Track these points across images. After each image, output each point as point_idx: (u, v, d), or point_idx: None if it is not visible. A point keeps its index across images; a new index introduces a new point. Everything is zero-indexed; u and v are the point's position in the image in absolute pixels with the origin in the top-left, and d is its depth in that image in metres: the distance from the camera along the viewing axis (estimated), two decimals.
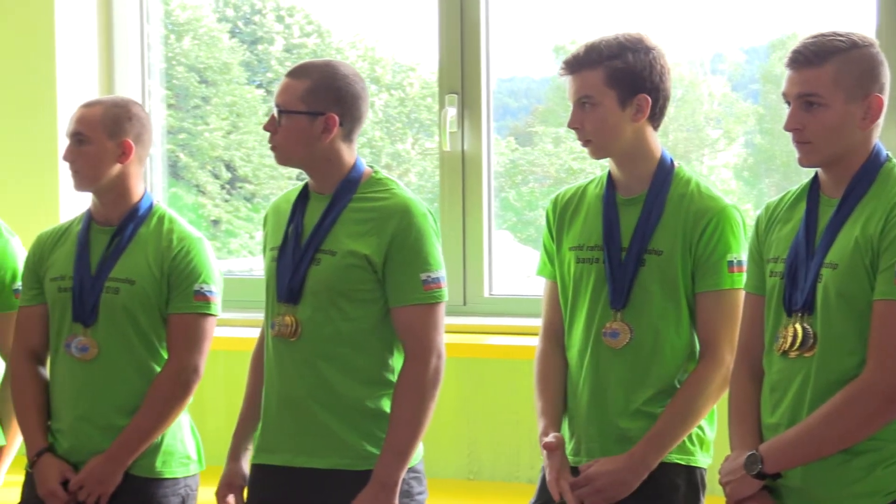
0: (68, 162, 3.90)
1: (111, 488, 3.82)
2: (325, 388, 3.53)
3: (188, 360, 3.87)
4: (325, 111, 3.54)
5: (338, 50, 5.98)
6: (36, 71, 5.46)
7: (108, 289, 3.86)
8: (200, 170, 6.08)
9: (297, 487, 3.56)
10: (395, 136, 5.91)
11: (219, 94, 6.11)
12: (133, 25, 5.73)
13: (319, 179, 3.62)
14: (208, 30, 6.15)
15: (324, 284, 3.53)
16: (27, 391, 3.97)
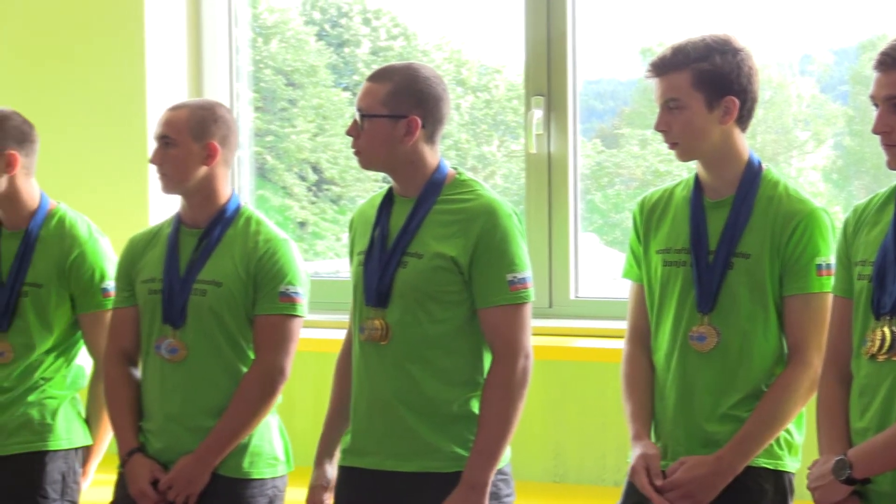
0: (155, 165, 3.93)
1: (199, 488, 3.85)
2: (414, 391, 3.54)
3: (274, 361, 3.89)
4: (407, 114, 3.55)
5: (424, 52, 6.00)
6: (126, 75, 5.52)
7: (196, 291, 3.89)
8: (287, 172, 6.11)
9: (385, 491, 3.57)
10: (480, 139, 5.91)
11: (305, 96, 6.14)
12: (221, 29, 5.78)
13: (403, 182, 3.63)
14: (295, 33, 6.18)
15: (411, 287, 3.53)
16: (120, 392, 4.01)
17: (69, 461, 4.24)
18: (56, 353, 4.27)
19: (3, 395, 4.21)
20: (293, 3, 6.16)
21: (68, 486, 4.23)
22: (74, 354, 4.31)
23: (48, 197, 4.33)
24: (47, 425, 4.21)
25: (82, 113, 5.57)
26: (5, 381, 4.22)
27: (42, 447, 4.19)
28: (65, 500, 4.21)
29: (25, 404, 4.21)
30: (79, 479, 4.27)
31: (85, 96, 5.58)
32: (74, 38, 5.61)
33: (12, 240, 4.27)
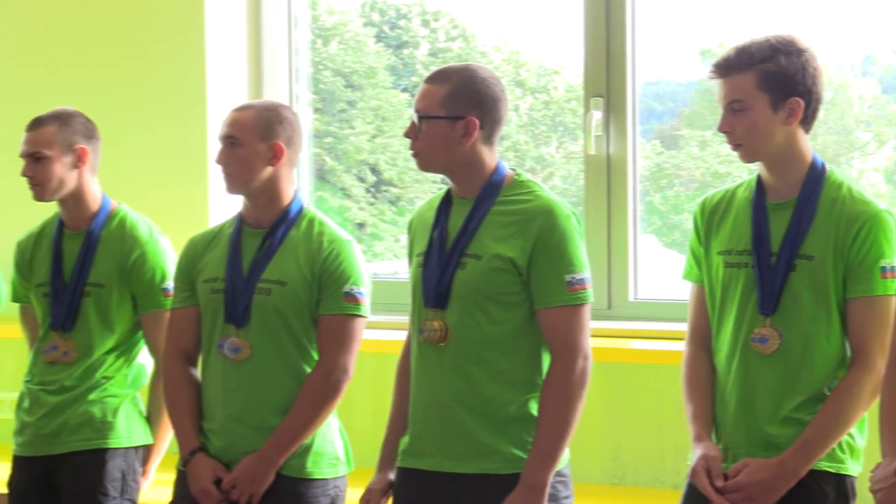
0: (221, 165, 3.95)
1: (263, 488, 3.87)
2: (473, 392, 3.54)
3: (338, 361, 3.90)
4: (465, 115, 3.55)
5: (482, 54, 5.99)
6: (187, 76, 5.55)
7: (261, 290, 3.91)
8: (346, 173, 6.13)
9: (443, 492, 3.57)
10: (539, 140, 5.91)
11: (364, 98, 6.15)
12: (281, 31, 5.80)
13: (462, 183, 3.63)
14: (354, 34, 6.20)
15: (470, 288, 3.53)
16: (180, 392, 4.03)
17: (129, 459, 4.27)
18: (117, 352, 4.30)
19: (66, 393, 4.25)
20: (352, 4, 6.18)
21: (128, 484, 4.26)
22: (136, 354, 4.35)
23: (109, 198, 4.37)
24: (108, 423, 4.25)
25: (143, 115, 5.61)
26: (67, 379, 4.26)
27: (103, 445, 4.24)
28: (124, 498, 4.25)
29: (87, 402, 4.25)
30: (138, 477, 4.31)
31: (146, 98, 5.62)
32: (136, 42, 5.64)
33: (74, 240, 4.31)
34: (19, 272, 4.44)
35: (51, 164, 4.23)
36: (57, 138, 4.25)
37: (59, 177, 4.25)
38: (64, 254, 4.33)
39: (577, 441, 3.57)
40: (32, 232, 4.46)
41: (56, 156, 4.24)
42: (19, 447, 4.33)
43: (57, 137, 4.25)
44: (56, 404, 4.26)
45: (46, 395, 4.27)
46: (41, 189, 4.25)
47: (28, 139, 4.27)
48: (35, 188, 4.26)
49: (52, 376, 4.29)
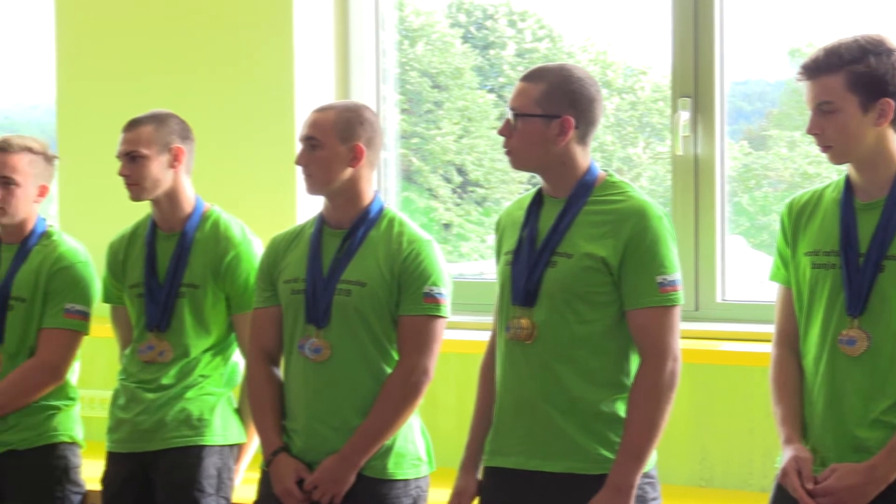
0: (301, 166, 3.97)
1: (345, 488, 3.89)
2: (561, 391, 3.54)
3: (418, 361, 3.91)
4: (561, 114, 3.55)
5: (569, 54, 5.98)
6: (275, 79, 5.59)
7: (341, 291, 3.92)
8: (432, 174, 6.14)
9: (530, 491, 3.57)
10: (626, 141, 5.89)
11: (451, 98, 6.16)
12: (368, 32, 5.82)
13: (554, 183, 3.63)
14: (441, 35, 6.21)
15: (560, 287, 3.54)
16: (262, 392, 4.06)
17: (224, 457, 4.31)
18: (213, 351, 4.35)
19: (164, 391, 4.30)
20: (439, 5, 6.19)
21: (223, 481, 4.30)
22: (231, 353, 4.39)
23: (202, 199, 4.42)
24: (205, 421, 4.29)
25: (232, 116, 5.65)
26: (165, 377, 4.30)
27: (199, 442, 4.28)
28: (220, 495, 4.28)
29: (184, 400, 4.30)
30: (233, 475, 4.35)
31: (235, 100, 5.66)
32: (226, 45, 5.69)
33: (168, 241, 4.36)
34: (111, 273, 4.49)
35: (147, 163, 4.28)
36: (154, 138, 4.29)
37: (155, 176, 4.30)
38: (157, 255, 4.37)
39: (664, 442, 3.56)
40: (124, 233, 4.51)
41: (153, 155, 4.29)
42: (114, 443, 4.38)
43: (154, 137, 4.29)
44: (153, 401, 4.30)
45: (144, 393, 4.32)
46: (138, 188, 4.30)
47: (125, 139, 4.31)
48: (131, 187, 4.30)
49: (149, 375, 4.33)
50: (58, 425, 4.49)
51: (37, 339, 4.47)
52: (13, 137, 4.49)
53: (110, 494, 4.39)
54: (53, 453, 4.48)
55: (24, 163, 4.46)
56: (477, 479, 3.77)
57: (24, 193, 4.47)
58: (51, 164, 4.56)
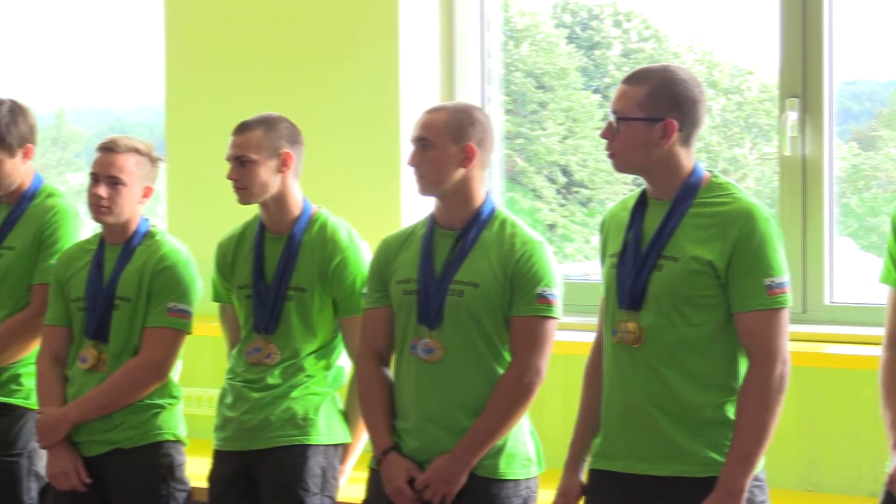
0: (413, 167, 3.99)
1: (456, 488, 3.90)
2: (668, 394, 3.52)
3: (531, 362, 3.92)
4: (664, 117, 3.53)
5: (675, 54, 5.95)
6: (380, 80, 5.61)
7: (453, 291, 3.94)
8: (537, 174, 6.13)
9: (637, 495, 3.56)
10: (732, 141, 5.84)
11: (556, 99, 6.15)
12: (473, 33, 5.83)
13: (658, 185, 3.61)
14: (546, 36, 6.20)
15: (667, 290, 3.52)
16: (374, 392, 4.08)
17: (329, 457, 4.33)
18: (319, 353, 4.37)
19: (269, 390, 4.33)
20: (544, 6, 6.18)
21: (328, 481, 4.32)
22: (337, 355, 4.41)
23: (310, 202, 4.44)
24: (310, 420, 4.32)
25: (337, 118, 5.68)
26: (270, 377, 4.33)
27: (304, 441, 4.30)
28: (324, 494, 4.31)
29: (290, 399, 4.32)
30: (337, 475, 4.36)
31: (340, 102, 5.69)
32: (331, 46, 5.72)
33: (276, 244, 4.39)
34: (220, 273, 4.53)
35: (256, 167, 4.31)
36: (263, 143, 4.32)
37: (264, 181, 4.32)
38: (265, 257, 4.40)
39: (771, 446, 3.52)
40: (233, 233, 4.54)
41: (262, 160, 4.31)
42: (221, 442, 4.41)
43: (263, 142, 4.32)
44: (259, 400, 4.33)
45: (250, 392, 4.35)
46: (246, 192, 4.33)
47: (235, 143, 4.34)
48: (240, 191, 4.33)
49: (255, 374, 4.36)
50: (162, 424, 4.52)
51: (141, 338, 4.51)
52: (121, 138, 4.54)
53: (217, 492, 4.42)
54: (158, 451, 4.52)
55: (130, 163, 4.51)
56: (581, 480, 3.77)
57: (130, 194, 4.52)
58: (156, 165, 4.60)
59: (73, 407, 4.49)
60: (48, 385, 4.56)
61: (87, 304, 4.54)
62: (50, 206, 4.82)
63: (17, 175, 4.83)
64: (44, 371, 4.58)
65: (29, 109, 4.87)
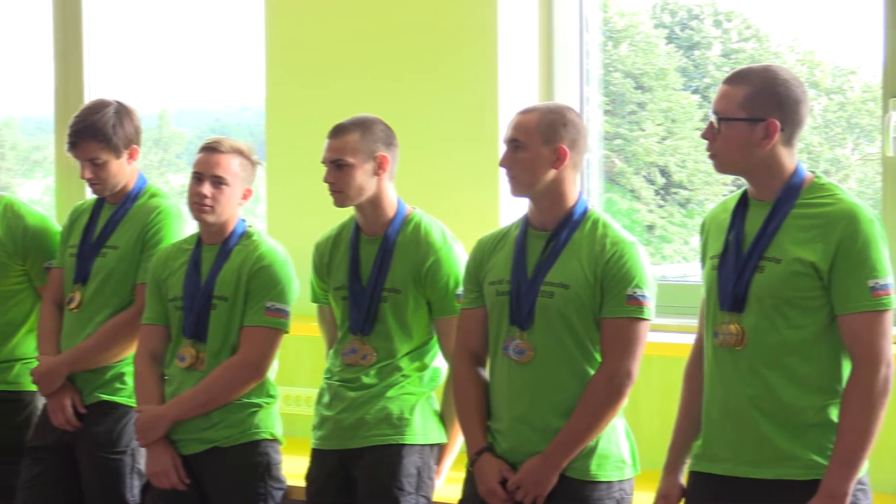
0: (505, 168, 3.99)
1: (547, 489, 3.90)
2: (770, 397, 3.50)
3: (622, 364, 3.90)
4: (766, 117, 3.51)
5: (776, 54, 5.89)
6: (479, 80, 5.61)
7: (544, 293, 3.93)
8: (635, 175, 6.10)
9: (738, 497, 3.54)
10: (834, 142, 5.78)
11: (654, 99, 6.12)
12: (572, 33, 5.81)
13: (760, 186, 3.58)
14: (645, 36, 6.17)
15: (769, 292, 3.49)
16: (468, 392, 4.09)
17: (425, 456, 4.34)
18: (414, 354, 4.38)
19: (365, 390, 4.35)
20: (643, 6, 6.15)
21: (423, 481, 4.33)
22: (433, 356, 4.42)
23: (404, 203, 4.46)
24: (405, 420, 4.33)
25: (436, 119, 5.69)
26: (366, 377, 4.35)
27: (399, 440, 4.31)
28: (419, 494, 4.32)
29: (385, 399, 4.34)
30: (433, 475, 4.37)
31: (438, 102, 5.70)
32: (429, 47, 5.73)
33: (371, 245, 4.41)
34: (318, 274, 4.56)
35: (353, 171, 4.32)
36: (359, 146, 4.34)
37: (360, 184, 4.34)
38: (361, 258, 4.42)
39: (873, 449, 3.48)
40: (330, 234, 4.57)
41: (358, 163, 4.33)
42: (318, 440, 4.44)
43: (359, 145, 4.34)
44: (355, 399, 4.35)
45: (346, 391, 4.38)
46: (342, 195, 4.35)
47: (331, 146, 4.37)
48: (336, 194, 4.36)
49: (351, 374, 4.39)
50: (259, 422, 4.56)
51: (239, 338, 4.54)
52: (225, 139, 4.59)
53: (314, 490, 4.45)
54: (256, 450, 4.55)
55: (234, 164, 4.55)
56: (680, 483, 3.75)
57: (232, 194, 4.56)
58: (255, 168, 4.65)
59: (171, 405, 4.54)
60: (146, 384, 4.61)
61: (184, 304, 4.59)
62: (154, 206, 4.88)
63: (123, 176, 4.89)
64: (142, 370, 4.64)
65: (134, 111, 4.93)
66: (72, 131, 4.83)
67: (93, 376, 4.84)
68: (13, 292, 5.11)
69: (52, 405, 4.85)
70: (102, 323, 4.82)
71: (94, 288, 4.85)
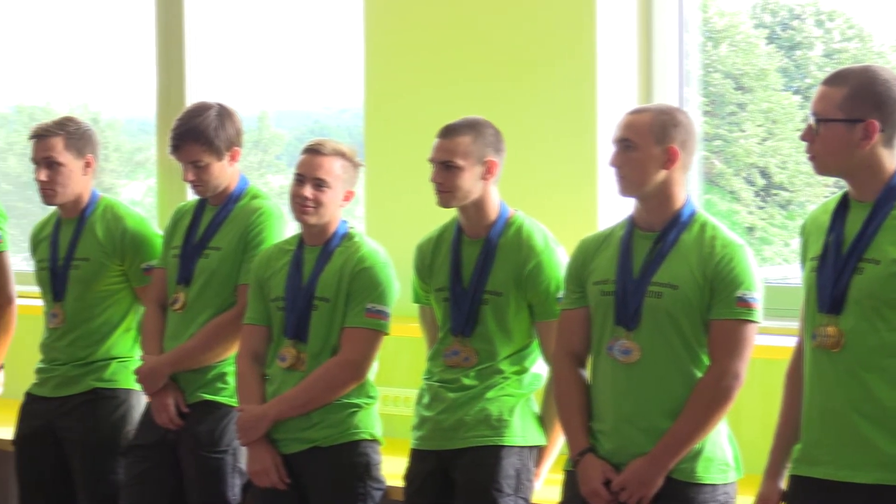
0: (615, 167, 3.98)
1: (653, 491, 3.89)
2: (870, 399, 3.46)
3: (730, 366, 3.88)
4: (865, 118, 3.47)
5: (879, 54, 5.82)
6: (577, 81, 5.59)
7: (651, 293, 3.93)
8: (735, 176, 6.07)
9: (839, 501, 3.51)
10: None
11: (755, 100, 6.08)
12: (671, 34, 5.78)
13: (859, 187, 3.55)
14: (745, 36, 6.13)
15: (867, 294, 3.46)
16: (570, 393, 4.09)
17: (524, 458, 4.35)
18: (515, 357, 4.39)
19: (464, 391, 4.36)
20: (744, 6, 6.11)
21: (522, 483, 4.33)
22: (533, 360, 4.42)
23: (507, 205, 4.46)
24: (504, 421, 4.34)
25: (534, 120, 5.68)
26: (466, 378, 4.37)
27: (498, 442, 4.32)
28: (518, 496, 4.32)
29: (485, 400, 4.35)
30: (532, 477, 4.38)
31: (537, 103, 5.69)
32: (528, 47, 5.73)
33: (473, 247, 4.42)
34: (419, 275, 4.58)
35: (461, 173, 4.33)
36: (470, 149, 4.34)
37: (468, 187, 4.35)
38: (462, 260, 4.43)
39: None
40: (431, 236, 4.59)
41: (467, 166, 4.34)
42: (417, 441, 4.46)
43: (470, 148, 4.35)
44: (455, 400, 4.37)
45: (446, 392, 4.39)
46: (448, 196, 4.36)
47: (441, 146, 4.37)
48: (442, 194, 4.37)
49: (451, 374, 4.40)
50: (359, 423, 4.58)
51: (339, 339, 4.57)
52: (327, 141, 4.61)
53: (412, 490, 4.47)
54: (355, 450, 4.58)
55: (336, 167, 4.57)
56: (781, 488, 3.72)
57: (333, 196, 4.58)
58: (357, 170, 4.66)
59: (272, 405, 4.58)
60: (248, 383, 4.65)
61: (286, 304, 4.62)
62: (255, 207, 4.92)
63: (225, 177, 4.93)
64: (243, 369, 4.68)
65: (235, 113, 4.97)
66: (174, 134, 4.88)
67: (195, 376, 4.90)
68: (111, 292, 5.17)
69: (156, 404, 4.91)
70: (205, 323, 4.87)
71: (197, 289, 4.90)
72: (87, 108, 7.82)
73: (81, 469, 5.12)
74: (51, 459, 5.17)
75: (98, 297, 5.16)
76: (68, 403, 5.16)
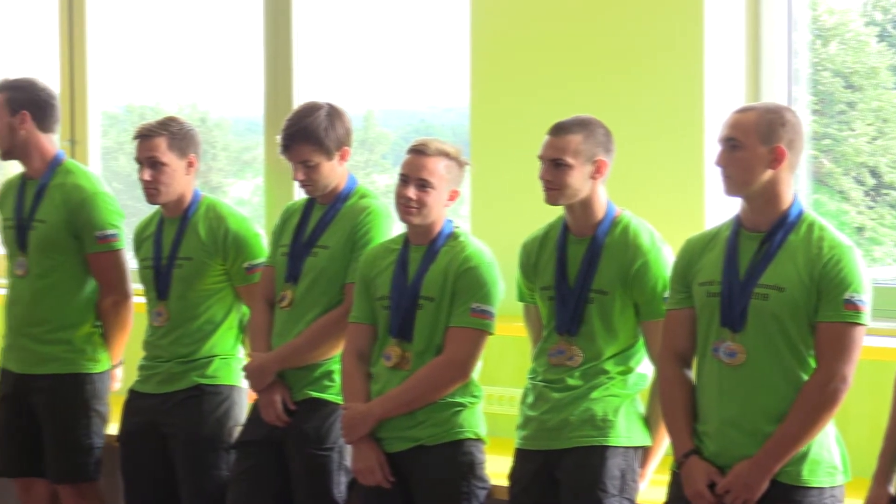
0: (720, 167, 3.96)
1: (758, 494, 3.86)
2: None
3: (837, 368, 3.85)
4: None
5: None
6: (685, 79, 5.56)
7: (758, 295, 3.90)
8: (844, 176, 6.00)
9: None
10: None
11: (865, 99, 6.00)
12: (780, 32, 5.73)
13: None
14: (855, 34, 6.06)
15: None
16: (675, 394, 4.08)
17: (629, 459, 4.33)
18: (620, 357, 4.38)
19: (569, 391, 4.36)
20: (854, 4, 6.04)
21: (627, 483, 4.32)
22: (639, 359, 4.41)
23: (614, 204, 4.45)
24: (609, 422, 4.33)
25: (641, 118, 5.66)
26: (571, 378, 4.36)
27: (602, 442, 4.31)
28: (623, 496, 4.31)
29: (589, 400, 4.35)
30: (637, 477, 4.36)
31: (644, 102, 5.67)
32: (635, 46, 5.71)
33: (579, 246, 4.41)
34: (524, 273, 4.58)
35: (571, 171, 4.33)
36: (581, 148, 4.34)
37: (577, 185, 4.35)
38: (568, 258, 4.43)
39: None
40: (537, 234, 4.58)
41: (577, 165, 4.33)
42: (522, 440, 4.46)
43: (581, 147, 4.34)
44: (559, 400, 4.36)
45: (550, 392, 4.39)
46: (557, 193, 4.35)
47: (552, 144, 4.36)
48: (550, 192, 4.36)
49: (555, 374, 4.40)
50: (463, 422, 4.59)
51: (444, 338, 4.58)
52: (431, 141, 4.62)
53: (518, 490, 4.47)
54: (460, 449, 4.59)
55: (440, 167, 4.59)
56: (890, 493, 3.68)
57: (438, 196, 4.59)
58: (462, 170, 4.67)
59: (377, 403, 4.60)
60: (353, 381, 4.68)
61: (391, 303, 4.64)
62: (363, 206, 4.94)
63: (334, 177, 4.96)
64: (349, 368, 4.71)
65: (345, 113, 4.99)
66: (285, 134, 4.92)
67: (302, 373, 4.93)
68: (213, 291, 5.23)
69: (264, 401, 4.96)
70: (313, 321, 4.90)
71: (304, 287, 4.94)
72: (195, 108, 7.91)
73: (184, 465, 5.18)
74: (154, 455, 5.24)
75: (201, 296, 5.22)
76: (171, 400, 5.22)
